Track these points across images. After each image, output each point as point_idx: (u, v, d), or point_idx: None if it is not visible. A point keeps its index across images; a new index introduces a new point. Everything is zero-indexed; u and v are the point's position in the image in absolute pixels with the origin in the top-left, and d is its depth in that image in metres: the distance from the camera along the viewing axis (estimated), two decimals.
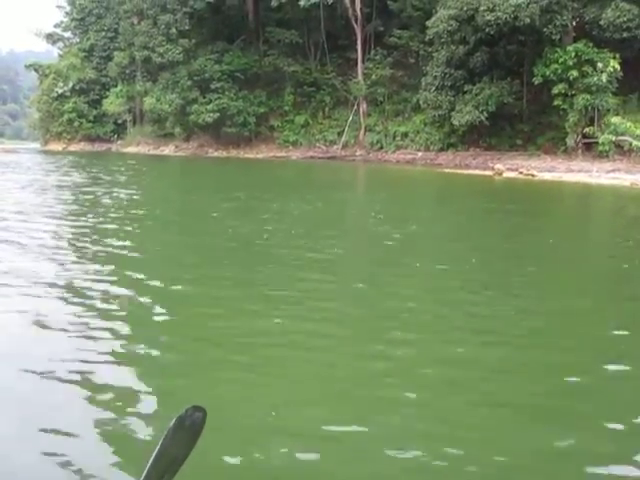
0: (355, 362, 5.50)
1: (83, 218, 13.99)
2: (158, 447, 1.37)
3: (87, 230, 12.33)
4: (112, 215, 14.57)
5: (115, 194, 19.54)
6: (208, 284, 8.20)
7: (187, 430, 1.43)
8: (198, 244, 11.39)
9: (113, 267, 8.88)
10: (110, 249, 10.32)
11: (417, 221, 15.69)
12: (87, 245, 10.73)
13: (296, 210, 16.78)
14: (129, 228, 12.70)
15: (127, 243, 10.96)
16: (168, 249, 11.27)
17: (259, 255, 10.23)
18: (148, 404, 4.54)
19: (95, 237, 11.46)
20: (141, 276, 8.38)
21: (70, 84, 64.68)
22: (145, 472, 1.34)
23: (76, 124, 64.48)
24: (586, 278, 9.65)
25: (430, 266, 9.90)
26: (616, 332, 6.42)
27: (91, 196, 18.83)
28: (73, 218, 14.14)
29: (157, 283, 8.14)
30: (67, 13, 71.47)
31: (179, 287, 7.88)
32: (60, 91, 64.77)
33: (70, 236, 11.60)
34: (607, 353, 5.82)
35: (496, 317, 6.97)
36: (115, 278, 8.19)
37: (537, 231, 14.53)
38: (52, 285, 7.63)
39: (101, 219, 13.91)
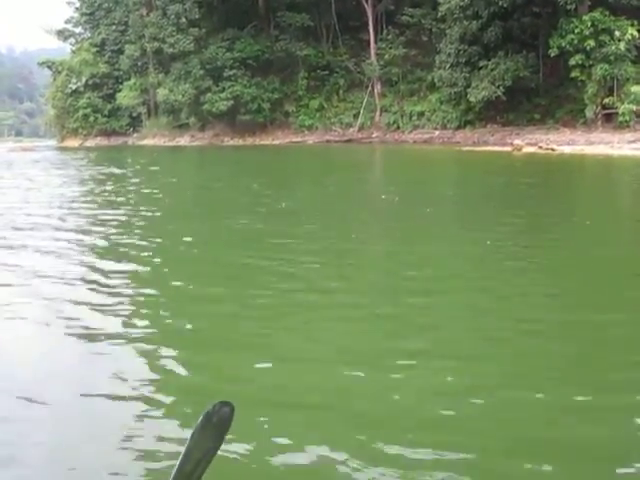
0: None
1: (142, 207, 15.35)
2: (187, 444, 1.37)
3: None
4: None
5: (158, 184, 21.82)
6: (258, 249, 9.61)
7: (215, 426, 1.43)
8: (246, 226, 12.39)
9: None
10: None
11: (438, 203, 15.55)
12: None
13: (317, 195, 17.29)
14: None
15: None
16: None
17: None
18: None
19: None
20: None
21: (83, 79, 64.81)
22: (175, 469, 1.35)
23: (91, 119, 64.65)
24: None
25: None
26: None
27: (134, 187, 20.51)
28: (129, 207, 15.67)
29: None
30: (77, 8, 71.55)
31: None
32: (74, 87, 64.95)
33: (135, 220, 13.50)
34: None
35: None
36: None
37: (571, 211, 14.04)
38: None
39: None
